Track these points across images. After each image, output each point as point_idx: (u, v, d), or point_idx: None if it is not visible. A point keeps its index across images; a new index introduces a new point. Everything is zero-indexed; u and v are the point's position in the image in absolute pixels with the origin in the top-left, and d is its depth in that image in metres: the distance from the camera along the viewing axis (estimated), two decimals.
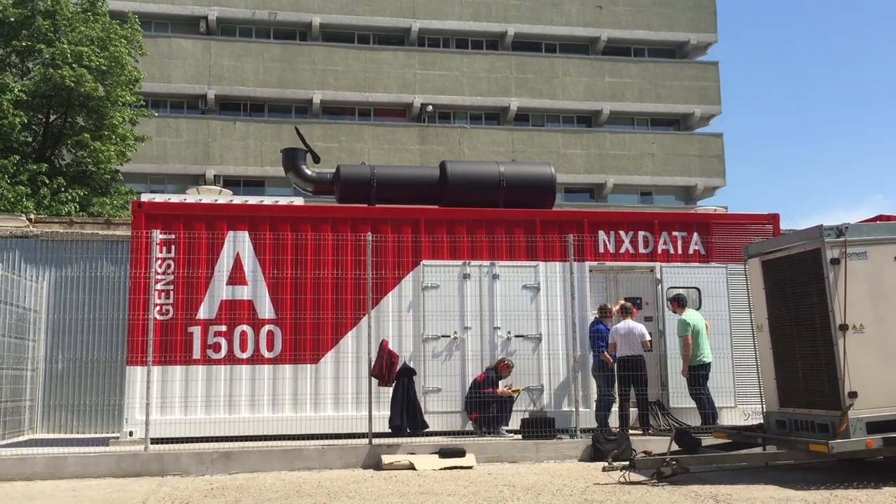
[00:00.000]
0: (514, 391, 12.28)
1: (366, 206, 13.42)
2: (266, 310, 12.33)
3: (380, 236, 12.55)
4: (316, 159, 14.35)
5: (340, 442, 11.38)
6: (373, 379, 11.53)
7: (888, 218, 13.04)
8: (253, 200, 13.40)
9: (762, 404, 10.68)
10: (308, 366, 12.26)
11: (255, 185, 34.48)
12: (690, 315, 12.49)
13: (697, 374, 12.38)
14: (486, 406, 12.05)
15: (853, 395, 9.00)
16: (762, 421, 10.71)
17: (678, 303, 12.62)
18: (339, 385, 12.27)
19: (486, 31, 38.14)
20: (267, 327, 12.29)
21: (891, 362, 9.19)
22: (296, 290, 12.39)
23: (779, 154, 73.63)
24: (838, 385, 9.10)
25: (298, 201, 13.42)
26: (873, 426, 9.02)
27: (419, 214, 13.08)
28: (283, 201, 13.33)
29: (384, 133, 35.85)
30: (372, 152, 34.80)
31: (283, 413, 12.06)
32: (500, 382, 12.30)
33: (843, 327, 9.14)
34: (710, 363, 12.43)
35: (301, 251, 12.48)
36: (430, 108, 36.61)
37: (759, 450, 10.19)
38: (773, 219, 13.84)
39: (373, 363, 11.51)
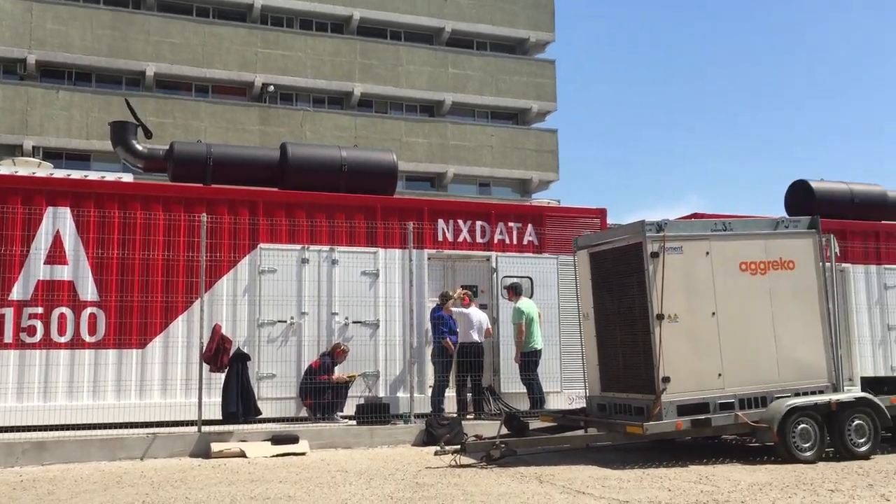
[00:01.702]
0: (349, 377, 12.27)
1: (201, 185, 12.93)
2: (88, 291, 11.63)
3: (215, 217, 12.14)
4: (148, 134, 13.68)
5: (167, 430, 10.94)
6: (204, 364, 11.16)
7: (702, 216, 14.10)
8: (76, 175, 12.58)
9: (586, 389, 11.26)
10: (134, 351, 11.69)
11: (79, 158, 32.28)
12: (525, 304, 12.96)
13: (529, 361, 12.88)
14: (320, 392, 11.96)
15: (666, 380, 9.66)
16: (585, 405, 11.29)
17: (514, 291, 13.05)
18: (168, 371, 11.79)
19: (331, 14, 37.65)
20: (89, 310, 11.60)
21: (700, 350, 9.94)
22: (122, 272, 11.78)
23: (608, 152, 77.58)
24: (654, 371, 9.74)
25: (127, 178, 12.78)
26: (683, 409, 9.73)
27: (257, 196, 12.76)
28: (110, 177, 12.63)
29: (222, 111, 34.61)
30: (209, 131, 33.49)
31: (106, 400, 11.45)
32: (335, 368, 12.25)
33: (660, 317, 9.78)
34: (540, 350, 12.97)
35: (129, 230, 11.86)
36: (271, 88, 35.70)
37: (581, 432, 10.73)
38: (601, 213, 14.58)
39: (204, 348, 11.14)
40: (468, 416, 12.45)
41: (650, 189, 79.55)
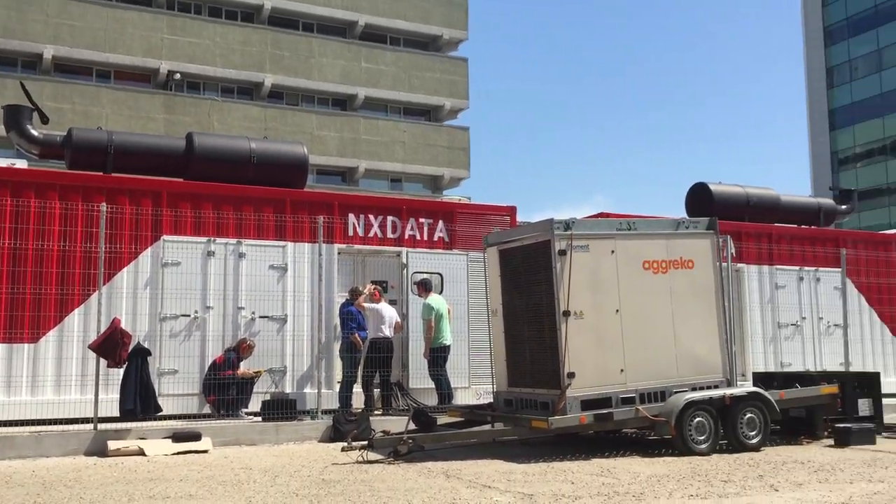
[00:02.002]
0: (255, 373, 12.04)
1: (101, 174, 12.45)
2: None
3: (116, 208, 11.70)
4: (44, 120, 13.07)
5: (60, 428, 10.49)
6: (101, 360, 10.75)
7: (608, 215, 14.46)
8: None
9: (493, 385, 11.38)
10: (25, 345, 11.17)
11: None
12: (434, 300, 13.00)
13: (437, 357, 12.93)
14: (224, 388, 11.70)
15: (571, 375, 9.86)
16: (493, 400, 11.41)
17: (424, 287, 13.07)
18: (63, 366, 11.30)
19: (241, 2, 36.84)
20: None
21: (604, 346, 10.19)
22: (14, 262, 11.22)
23: (519, 151, 78.72)
24: (559, 366, 9.92)
25: (21, 164, 12.20)
26: (587, 404, 9.96)
27: (161, 187, 12.37)
28: (2, 163, 12.01)
29: (125, 98, 33.39)
30: (111, 118, 32.26)
31: None
32: (241, 364, 12.00)
33: (566, 314, 9.98)
34: (449, 346, 13.03)
35: (22, 219, 11.31)
36: (177, 76, 34.65)
37: (488, 427, 10.85)
38: (511, 211, 14.76)
39: (98, 339, 10.72)
40: (376, 412, 12.41)
41: (559, 188, 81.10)
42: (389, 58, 39.25)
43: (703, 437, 10.06)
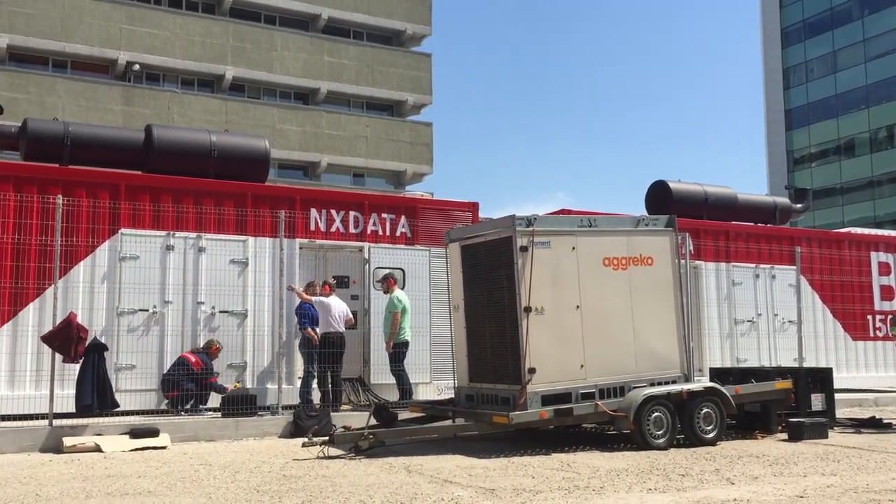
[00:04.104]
0: (235, 387, 11.95)
1: (57, 166, 12.22)
2: None
3: (72, 200, 11.50)
4: None
5: (14, 424, 10.29)
6: (57, 355, 10.56)
7: (569, 212, 14.57)
8: None
9: (455, 380, 11.42)
10: None
11: None
12: (401, 294, 12.98)
13: (398, 352, 12.93)
14: (184, 384, 11.58)
15: (532, 371, 9.94)
16: (454, 396, 11.45)
17: (393, 280, 13.04)
18: (17, 361, 11.09)
19: None
20: None
21: (564, 342, 10.28)
22: None
23: (481, 147, 78.89)
24: (520, 362, 9.99)
25: None
26: (548, 399, 10.05)
27: (119, 179, 12.19)
28: None
29: (82, 89, 32.72)
30: (67, 108, 31.60)
31: None
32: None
33: (528, 309, 10.04)
34: (408, 342, 13.04)
35: None
36: (136, 67, 34.04)
37: (449, 422, 10.89)
38: (473, 207, 14.80)
39: (54, 334, 10.53)
40: (344, 408, 12.36)
41: (521, 185, 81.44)
42: (352, 52, 39.03)
43: (660, 432, 10.21)
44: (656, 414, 10.22)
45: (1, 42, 31.61)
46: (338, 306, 12.49)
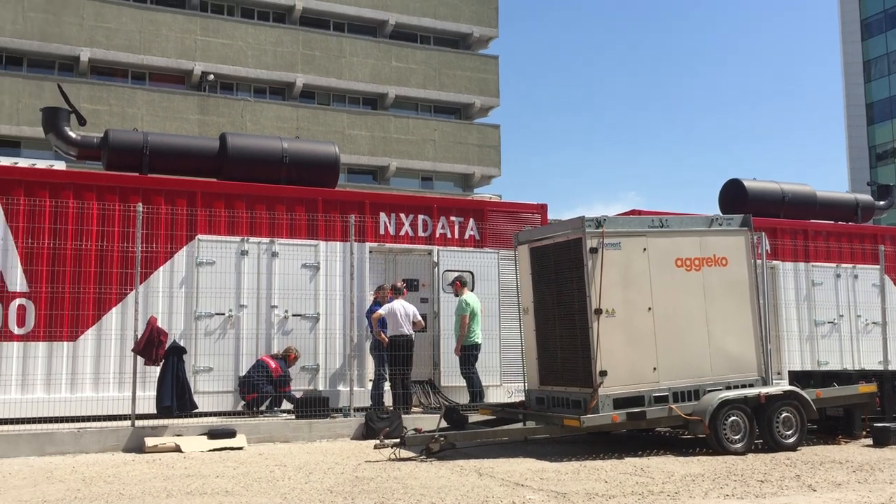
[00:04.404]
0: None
1: (137, 174, 12.64)
2: (17, 282, 11.27)
3: (152, 208, 11.89)
4: (81, 121, 13.31)
5: (99, 424, 10.68)
6: (139, 358, 10.92)
7: (640, 213, 14.37)
8: (6, 162, 12.18)
9: (524, 383, 11.38)
10: (65, 343, 11.38)
11: (9, 145, 31.18)
12: (470, 297, 13.00)
13: (468, 355, 12.94)
14: (262, 386, 11.83)
15: (603, 373, 9.82)
16: (524, 398, 11.41)
17: (461, 283, 13.08)
18: (101, 364, 11.50)
19: (273, 3, 37.12)
20: (18, 301, 11.25)
21: (636, 344, 10.13)
22: (53, 262, 11.44)
23: (549, 149, 78.44)
24: (591, 365, 9.89)
25: (60, 165, 12.42)
26: (619, 402, 9.91)
27: (196, 187, 12.53)
28: (41, 164, 12.24)
29: (160, 100, 33.82)
30: (146, 119, 32.72)
31: (35, 394, 11.12)
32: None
33: (598, 311, 9.93)
34: (480, 344, 13.03)
35: (61, 220, 11.53)
36: (211, 77, 35.02)
37: (520, 425, 10.84)
38: (542, 209, 14.72)
39: (137, 339, 10.90)
40: (415, 410, 12.44)
41: (591, 186, 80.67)
42: (420, 56, 39.30)
43: (738, 437, 9.96)
44: (733, 418, 9.97)
45: (83, 56, 32.91)
46: (403, 309, 12.57)
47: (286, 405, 12.08)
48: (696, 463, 9.26)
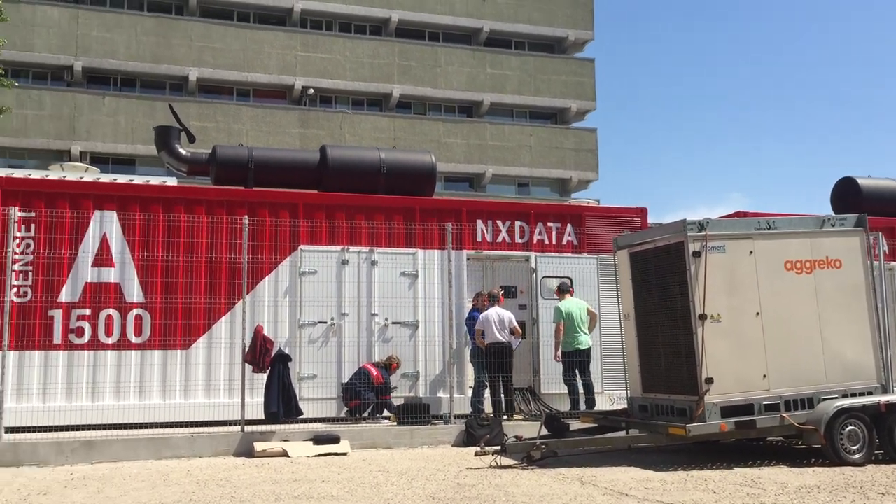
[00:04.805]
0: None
1: (243, 188, 13.10)
2: (134, 293, 11.85)
3: (257, 220, 12.29)
4: (191, 139, 13.89)
5: (211, 429, 11.10)
6: (246, 365, 11.30)
7: (745, 214, 13.91)
8: (122, 179, 12.83)
9: (627, 390, 11.17)
10: (178, 351, 11.89)
11: (125, 163, 32.92)
12: (565, 303, 12.82)
13: (570, 361, 12.76)
14: (364, 394, 12.03)
15: (709, 381, 9.53)
16: (626, 406, 11.19)
17: (560, 290, 12.96)
18: (211, 371, 11.96)
19: (369, 17, 37.85)
20: (135, 311, 11.82)
21: (744, 350, 9.79)
22: (167, 274, 11.98)
23: (648, 151, 76.88)
24: (696, 372, 9.62)
25: (171, 181, 12.98)
26: (727, 410, 9.60)
27: (298, 199, 12.88)
28: (154, 181, 12.83)
29: (263, 115, 35.01)
30: (250, 134, 33.92)
31: (151, 400, 11.66)
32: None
33: (702, 317, 9.66)
34: (579, 350, 12.77)
35: (173, 233, 12.07)
36: (311, 91, 36.01)
37: (623, 433, 10.65)
38: (642, 212, 14.44)
39: (247, 349, 11.29)
40: (505, 417, 12.41)
41: (691, 188, 78.65)
42: (514, 62, 39.26)
43: (856, 447, 9.49)
44: (851, 427, 9.51)
45: (192, 76, 34.40)
46: (498, 317, 12.50)
47: (387, 412, 12.24)
48: (810, 474, 8.87)
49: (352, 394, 12.12)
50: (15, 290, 11.15)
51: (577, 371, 12.80)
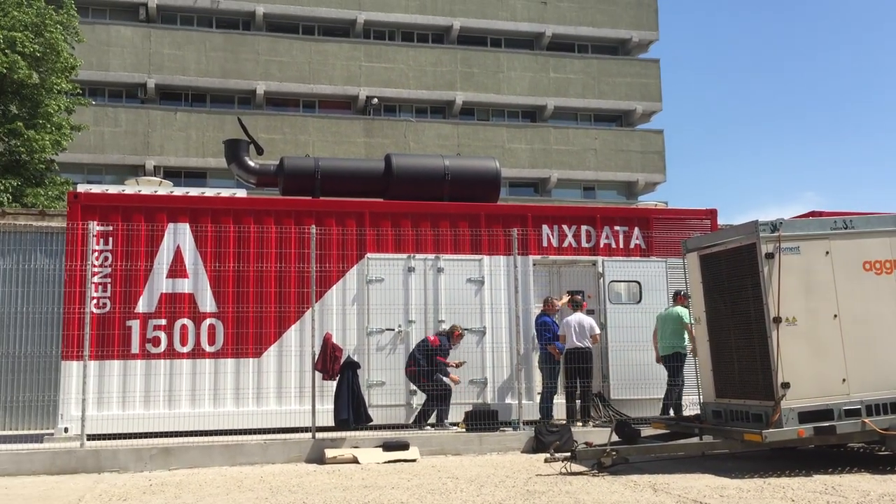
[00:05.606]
0: (457, 364, 12.27)
1: (310, 198, 13.31)
2: (207, 303, 12.14)
3: (324, 229, 12.47)
4: (259, 151, 14.17)
5: (283, 436, 11.29)
6: (316, 373, 11.46)
7: (819, 214, 13.48)
8: (194, 192, 13.16)
9: (699, 395, 10.94)
10: (250, 360, 12.12)
11: (196, 176, 33.87)
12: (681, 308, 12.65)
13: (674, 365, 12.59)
14: (421, 360, 11.96)
15: (786, 385, 9.27)
16: (699, 411, 10.96)
17: (683, 296, 12.73)
18: (282, 379, 12.16)
19: (431, 25, 38.11)
20: (208, 321, 12.11)
21: (821, 354, 9.49)
22: (238, 284, 12.23)
23: (717, 151, 75.32)
24: (772, 376, 9.36)
25: (241, 193, 13.24)
26: (805, 416, 9.31)
27: (364, 207, 13.02)
28: (225, 193, 13.13)
29: (329, 125, 35.56)
30: (316, 144, 34.51)
31: (225, 408, 11.92)
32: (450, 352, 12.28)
33: (777, 320, 9.40)
34: (681, 354, 12.63)
35: (244, 244, 12.33)
36: (375, 100, 36.44)
37: (696, 440, 10.43)
38: (711, 214, 14.15)
39: (316, 357, 11.44)
40: (577, 423, 12.30)
41: (762, 188, 76.73)
42: (578, 65, 39.00)
43: None
44: None
45: (259, 89, 35.19)
46: (579, 324, 12.43)
47: (454, 416, 12.17)
48: (894, 482, 8.53)
49: (410, 359, 12.15)
50: (95, 301, 11.54)
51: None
